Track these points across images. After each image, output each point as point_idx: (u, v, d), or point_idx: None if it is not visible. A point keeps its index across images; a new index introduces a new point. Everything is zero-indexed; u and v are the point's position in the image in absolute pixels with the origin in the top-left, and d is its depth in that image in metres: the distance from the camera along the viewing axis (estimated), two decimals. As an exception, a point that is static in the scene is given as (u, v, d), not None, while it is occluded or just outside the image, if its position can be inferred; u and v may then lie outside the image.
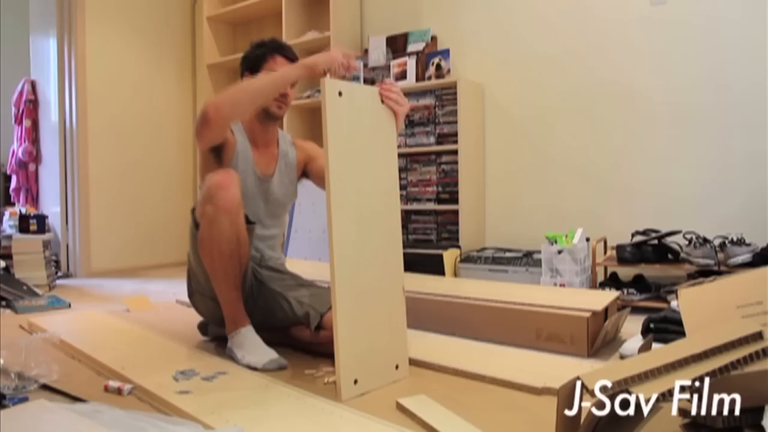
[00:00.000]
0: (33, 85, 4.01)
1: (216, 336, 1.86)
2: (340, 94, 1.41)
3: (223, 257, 1.60)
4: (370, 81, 3.42)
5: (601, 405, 0.95)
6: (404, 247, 3.01)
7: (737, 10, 2.52)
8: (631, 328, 2.00)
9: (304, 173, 1.96)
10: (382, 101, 1.52)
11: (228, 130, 1.67)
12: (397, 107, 1.54)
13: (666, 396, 0.92)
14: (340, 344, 1.34)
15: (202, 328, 1.92)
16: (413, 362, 1.59)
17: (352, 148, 1.44)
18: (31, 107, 3.97)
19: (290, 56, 1.78)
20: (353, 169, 1.44)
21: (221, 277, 1.62)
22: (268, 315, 1.78)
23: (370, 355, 1.42)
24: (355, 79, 3.46)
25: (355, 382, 1.37)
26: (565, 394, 0.98)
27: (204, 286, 1.72)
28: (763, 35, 2.46)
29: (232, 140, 1.74)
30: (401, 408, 1.28)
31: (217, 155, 1.72)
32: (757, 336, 0.96)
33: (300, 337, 1.73)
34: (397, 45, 3.42)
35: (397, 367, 1.49)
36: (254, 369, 1.56)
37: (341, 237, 1.38)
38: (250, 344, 1.62)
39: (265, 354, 1.59)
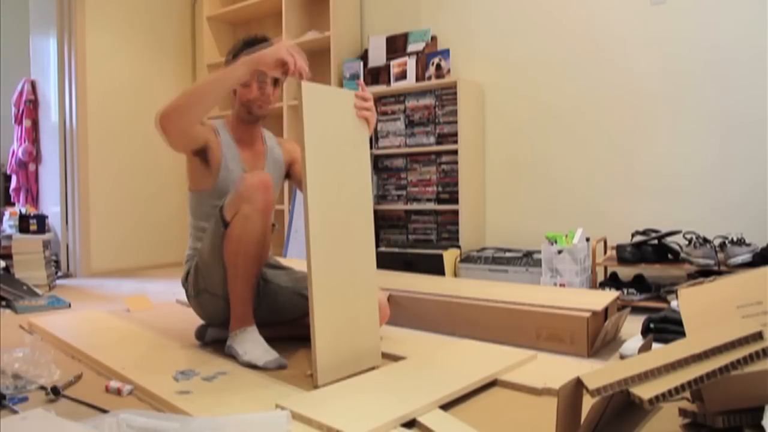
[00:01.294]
0: (33, 85, 4.01)
1: (214, 340, 1.85)
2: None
3: (249, 258, 1.62)
4: (370, 81, 3.42)
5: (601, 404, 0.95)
6: (404, 247, 3.03)
7: (737, 9, 2.52)
8: (631, 328, 2.01)
9: (287, 174, 1.99)
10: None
11: (189, 134, 1.65)
12: (370, 117, 1.62)
13: (666, 396, 0.92)
14: (317, 335, 1.41)
15: (200, 333, 1.87)
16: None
17: (329, 150, 1.52)
18: (31, 107, 3.97)
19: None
20: (330, 169, 1.51)
21: (241, 275, 1.63)
22: (276, 312, 1.81)
23: (345, 345, 1.49)
24: (355, 78, 3.46)
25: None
26: (565, 395, 0.98)
27: (217, 285, 1.71)
28: (764, 35, 2.46)
29: (215, 141, 1.76)
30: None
31: (203, 158, 1.74)
32: (757, 336, 0.97)
33: None
34: (397, 45, 3.42)
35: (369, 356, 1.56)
36: (254, 367, 1.57)
37: (318, 236, 1.46)
38: (253, 343, 1.63)
39: (267, 353, 1.60)
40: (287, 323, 1.85)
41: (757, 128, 2.49)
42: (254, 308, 1.70)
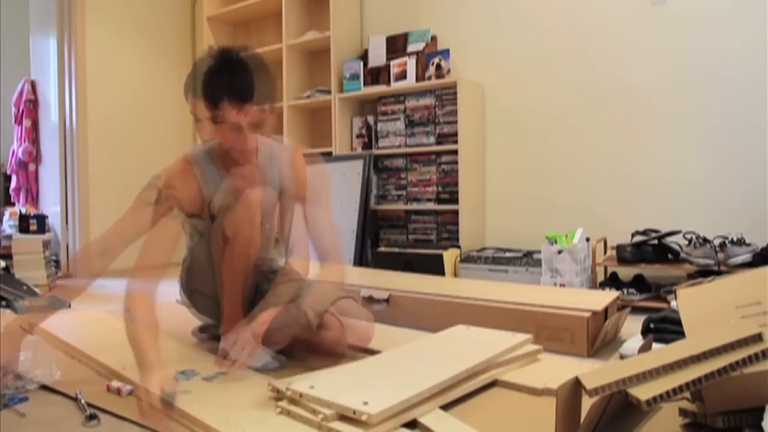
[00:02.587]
0: (33, 85, 4.01)
1: (212, 337, 1.85)
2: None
3: (248, 259, 1.62)
4: (370, 82, 3.42)
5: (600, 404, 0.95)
6: (404, 247, 3.04)
7: (737, 9, 2.52)
8: (631, 328, 2.00)
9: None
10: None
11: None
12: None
13: (663, 397, 0.92)
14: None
15: (198, 331, 1.89)
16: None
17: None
18: (31, 107, 3.97)
19: (214, 100, 1.49)
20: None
21: (235, 277, 1.63)
22: None
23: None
24: (355, 78, 3.45)
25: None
26: (564, 394, 0.98)
27: (207, 286, 1.72)
28: (763, 35, 2.46)
29: (183, 197, 1.65)
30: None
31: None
32: (757, 338, 0.97)
33: (300, 337, 1.68)
34: (397, 45, 3.42)
35: None
36: (249, 368, 1.54)
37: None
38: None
39: (261, 355, 1.57)
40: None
41: (758, 128, 2.49)
42: (248, 312, 1.65)
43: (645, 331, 1.76)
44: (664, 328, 1.71)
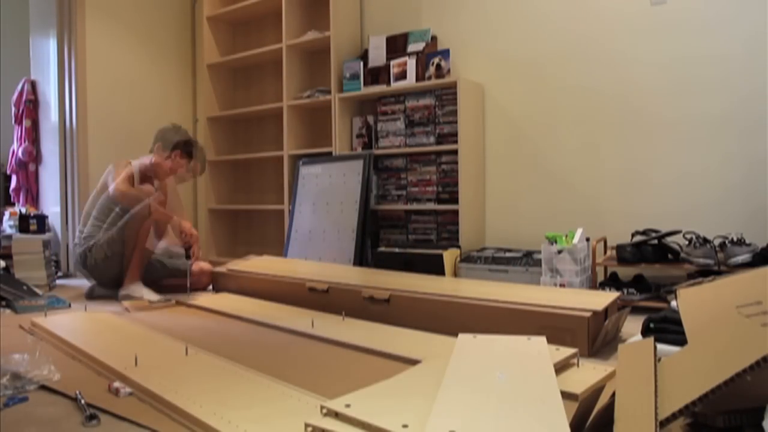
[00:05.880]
0: (33, 85, 4.01)
1: (99, 295, 2.88)
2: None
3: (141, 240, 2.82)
4: (370, 81, 3.42)
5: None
6: (404, 247, 3.04)
7: (738, 10, 2.52)
8: (631, 328, 2.01)
9: None
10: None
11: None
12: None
13: (677, 415, 0.90)
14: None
15: (89, 293, 2.90)
16: (413, 362, 1.59)
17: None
18: (31, 107, 3.97)
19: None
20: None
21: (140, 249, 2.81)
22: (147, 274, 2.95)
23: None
24: (355, 78, 3.46)
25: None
26: (585, 404, 0.97)
27: (119, 254, 2.77)
28: (763, 36, 2.46)
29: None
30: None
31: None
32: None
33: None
34: (397, 45, 3.42)
35: None
36: (151, 302, 2.61)
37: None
38: (145, 290, 2.74)
39: (154, 294, 2.72)
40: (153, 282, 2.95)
41: (758, 128, 2.49)
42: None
43: (645, 331, 1.76)
44: (664, 328, 1.71)
